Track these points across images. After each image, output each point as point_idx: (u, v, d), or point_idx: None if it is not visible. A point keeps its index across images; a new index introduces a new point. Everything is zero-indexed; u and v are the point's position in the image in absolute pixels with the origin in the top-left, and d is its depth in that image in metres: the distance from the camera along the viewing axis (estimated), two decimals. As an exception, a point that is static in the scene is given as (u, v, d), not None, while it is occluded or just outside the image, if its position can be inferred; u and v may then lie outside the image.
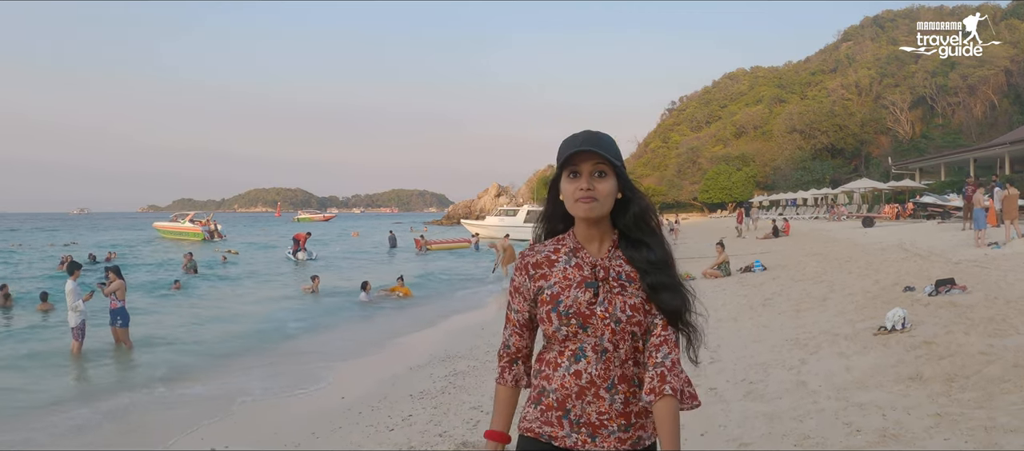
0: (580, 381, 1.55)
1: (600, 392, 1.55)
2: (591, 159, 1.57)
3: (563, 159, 1.57)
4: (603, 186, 1.57)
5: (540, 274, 1.64)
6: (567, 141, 1.62)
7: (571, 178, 1.59)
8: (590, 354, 1.55)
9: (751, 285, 12.07)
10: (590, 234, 1.64)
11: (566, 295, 1.57)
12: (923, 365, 5.10)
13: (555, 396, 1.58)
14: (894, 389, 4.66)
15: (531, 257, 1.67)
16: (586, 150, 1.55)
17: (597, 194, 1.56)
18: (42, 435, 6.08)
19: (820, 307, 8.61)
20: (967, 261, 11.13)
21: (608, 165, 1.58)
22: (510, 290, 1.70)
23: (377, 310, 13.99)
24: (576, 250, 1.64)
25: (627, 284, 1.59)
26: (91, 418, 6.61)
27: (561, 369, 1.58)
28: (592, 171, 1.57)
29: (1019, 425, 3.81)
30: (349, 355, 9.24)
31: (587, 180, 1.57)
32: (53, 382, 8.30)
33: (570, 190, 1.59)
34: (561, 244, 1.67)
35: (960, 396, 4.37)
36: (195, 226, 41.00)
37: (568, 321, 1.56)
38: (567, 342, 1.58)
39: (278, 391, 7.21)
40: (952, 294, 8.03)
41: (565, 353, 1.58)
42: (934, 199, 26.64)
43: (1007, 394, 4.31)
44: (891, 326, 6.41)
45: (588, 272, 1.59)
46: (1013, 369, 4.76)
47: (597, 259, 1.62)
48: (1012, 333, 5.84)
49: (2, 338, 11.31)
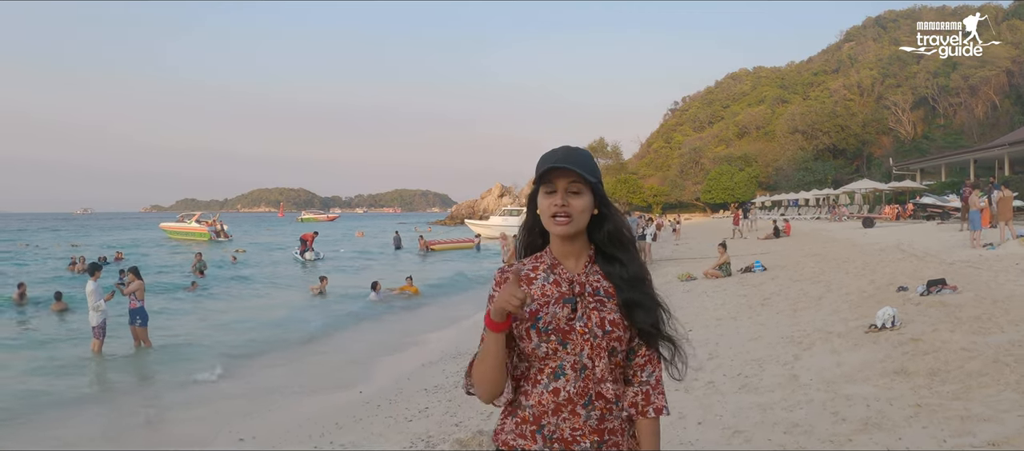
0: (557, 398, 1.56)
1: (577, 409, 1.55)
2: (567, 176, 1.59)
3: (539, 175, 1.60)
4: (578, 203, 1.59)
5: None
6: (545, 157, 1.64)
7: (547, 194, 1.61)
8: (569, 372, 1.56)
9: (751, 285, 12.40)
10: (567, 250, 1.66)
11: (545, 312, 1.58)
12: (908, 360, 5.43)
13: (531, 411, 1.58)
14: (879, 382, 5.00)
15: (509, 274, 1.63)
16: (561, 167, 1.57)
17: (572, 211, 1.58)
18: (71, 433, 6.29)
19: (816, 306, 8.94)
20: (961, 262, 11.44)
21: (583, 182, 1.59)
22: (487, 307, 1.63)
23: (387, 309, 14.37)
24: (553, 266, 1.65)
25: (605, 299, 1.61)
26: (118, 417, 6.93)
27: (540, 386, 1.58)
28: (567, 188, 1.59)
29: (993, 415, 4.14)
30: (363, 353, 9.60)
31: (562, 196, 1.59)
32: (77, 380, 8.62)
33: (545, 206, 1.61)
34: (539, 261, 1.68)
35: (940, 389, 4.70)
36: (201, 226, 41.45)
37: (548, 338, 1.56)
38: (547, 360, 1.57)
39: (298, 387, 7.58)
40: (943, 294, 8.35)
41: (545, 371, 1.58)
42: (934, 200, 26.92)
43: (984, 387, 4.64)
44: (881, 324, 6.74)
45: (566, 288, 1.61)
46: (992, 364, 5.09)
47: (574, 275, 1.63)
48: (996, 331, 6.16)
49: (23, 339, 11.66)
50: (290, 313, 13.93)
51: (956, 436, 3.85)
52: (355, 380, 7.68)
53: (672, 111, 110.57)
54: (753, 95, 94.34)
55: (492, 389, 1.56)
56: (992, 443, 3.69)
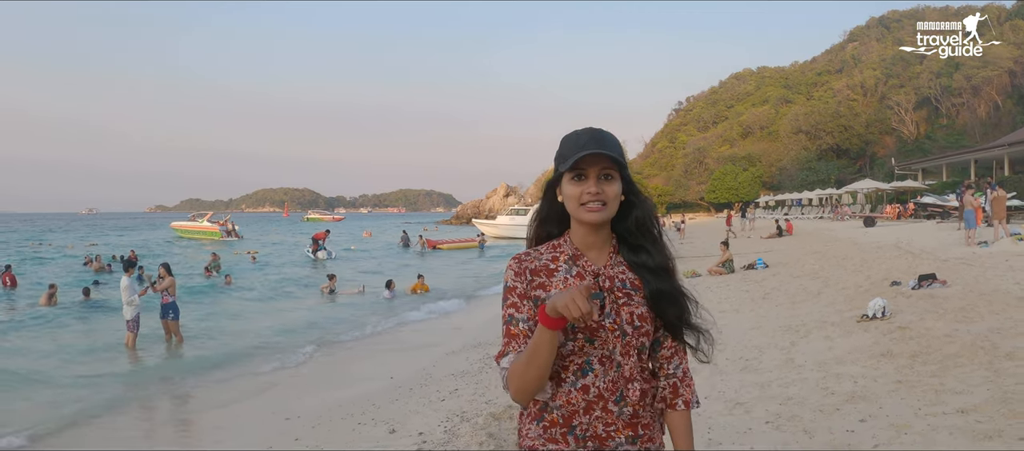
0: (587, 395, 1.48)
1: (608, 405, 1.48)
2: (599, 161, 1.48)
3: (569, 161, 1.47)
4: (611, 189, 1.49)
5: (538, 283, 1.53)
6: (569, 139, 1.53)
7: (576, 181, 1.49)
8: (597, 366, 1.48)
9: (753, 281, 12.94)
10: (591, 240, 1.55)
11: None
12: (894, 345, 5.99)
13: (560, 412, 1.50)
14: (867, 363, 5.56)
15: (529, 263, 1.56)
16: (595, 152, 1.46)
17: (606, 197, 1.48)
18: (114, 426, 6.57)
19: (814, 300, 9.50)
20: (954, 259, 11.96)
21: (615, 167, 1.50)
22: (508, 299, 1.54)
23: (402, 306, 14.95)
24: (576, 258, 1.55)
25: (632, 293, 1.53)
26: (159, 407, 7.45)
27: (566, 385, 1.49)
28: (599, 174, 1.49)
29: (964, 389, 4.69)
30: (386, 345, 10.19)
31: (595, 183, 1.48)
32: (115, 369, 9.17)
33: (576, 193, 1.49)
34: (558, 251, 1.57)
35: (920, 368, 5.26)
36: (213, 226, 42.13)
37: (574, 336, 1.47)
38: (572, 356, 1.49)
39: (332, 375, 8.17)
40: (933, 287, 8.90)
41: (570, 367, 1.49)
42: (934, 199, 27.40)
43: (959, 367, 5.19)
44: (872, 314, 7.30)
45: (591, 282, 1.49)
46: (969, 348, 5.64)
47: (599, 268, 1.54)
48: (977, 320, 6.71)
49: (57, 334, 12.21)
50: (317, 308, 14.58)
51: (929, 405, 4.40)
52: (383, 369, 8.27)
53: (676, 111, 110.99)
54: (757, 95, 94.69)
55: (535, 388, 1.44)
56: (960, 411, 4.24)
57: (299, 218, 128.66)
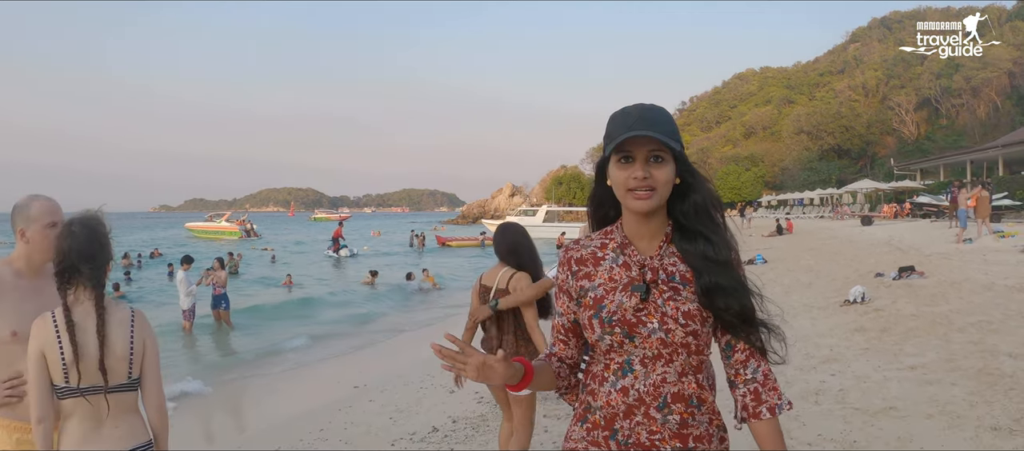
0: (627, 398, 1.39)
1: (650, 411, 1.37)
2: (648, 143, 1.36)
3: (613, 143, 1.36)
4: (661, 173, 1.37)
5: (584, 273, 1.47)
6: (617, 117, 1.40)
7: (623, 164, 1.38)
8: (638, 367, 1.39)
9: (751, 274, 13.69)
10: (642, 229, 1.44)
11: (610, 299, 1.40)
12: (867, 323, 7.09)
13: (601, 414, 1.42)
14: (842, 336, 6.65)
15: (575, 252, 1.50)
16: (642, 134, 1.33)
17: (655, 183, 1.36)
18: (216, 397, 7.72)
19: (805, 289, 10.58)
20: (937, 254, 13.02)
21: (665, 148, 1.37)
22: (555, 290, 1.55)
23: (426, 295, 16.13)
24: (623, 246, 1.45)
25: (681, 286, 1.40)
26: (224, 384, 8.49)
27: (607, 384, 1.42)
28: (648, 156, 1.36)
29: (918, 352, 5.77)
30: (421, 324, 11.32)
31: (643, 168, 1.36)
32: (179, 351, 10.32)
33: (622, 178, 1.38)
34: (609, 238, 1.49)
35: (885, 339, 6.35)
36: (232, 225, 43.27)
37: (612, 330, 1.39)
38: (612, 353, 1.42)
39: (384, 350, 9.31)
40: (911, 278, 9.97)
41: (611, 366, 1.42)
42: (929, 199, 28.41)
43: (918, 338, 6.27)
44: (853, 299, 8.38)
45: (636, 272, 1.41)
46: (929, 324, 6.73)
47: (646, 257, 1.43)
48: (942, 304, 7.78)
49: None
50: (351, 300, 15.82)
51: (887, 364, 5.49)
52: (425, 343, 9.37)
53: (680, 111, 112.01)
54: (760, 95, 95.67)
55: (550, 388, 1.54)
56: (911, 368, 5.32)
57: (305, 218, 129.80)
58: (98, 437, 2.05)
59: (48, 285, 2.36)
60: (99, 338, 2.02)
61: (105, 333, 2.03)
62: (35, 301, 2.30)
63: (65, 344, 1.99)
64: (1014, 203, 25.83)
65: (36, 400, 2.01)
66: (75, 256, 2.05)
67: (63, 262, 2.06)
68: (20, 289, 2.30)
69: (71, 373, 1.99)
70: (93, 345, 2.01)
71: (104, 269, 2.10)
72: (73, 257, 2.05)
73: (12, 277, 2.30)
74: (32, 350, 2.02)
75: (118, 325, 2.07)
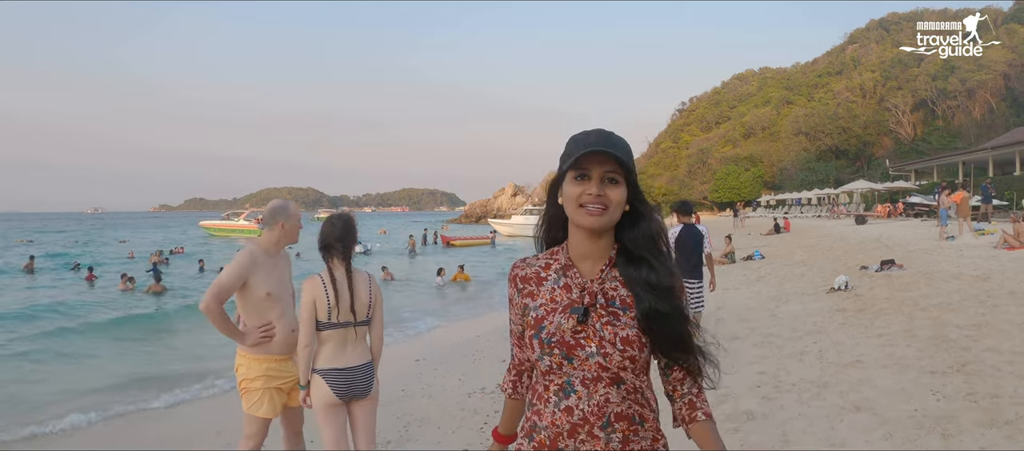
0: (571, 418, 1.40)
1: (594, 431, 1.39)
2: (604, 163, 1.38)
3: (572, 159, 1.38)
4: (615, 194, 1.39)
5: (528, 291, 1.50)
6: (577, 138, 1.44)
7: (578, 181, 1.40)
8: (579, 388, 1.39)
9: (750, 268, 15.33)
10: (587, 250, 1.46)
11: (549, 321, 1.42)
12: (847, 305, 8.40)
13: (546, 434, 1.43)
14: (825, 315, 7.96)
15: (520, 270, 1.53)
16: (599, 151, 1.36)
17: (608, 201, 1.38)
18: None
19: (798, 279, 11.90)
20: (920, 250, 14.32)
21: (621, 171, 1.39)
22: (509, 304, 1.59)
23: (451, 291, 17.43)
24: (566, 268, 1.47)
25: (620, 312, 1.41)
26: None
27: (550, 404, 1.42)
28: (603, 176, 1.39)
29: (884, 326, 7.07)
30: (452, 317, 12.59)
31: (598, 186, 1.38)
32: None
33: (575, 194, 1.39)
34: (553, 259, 1.51)
35: (861, 316, 7.66)
36: (250, 223, 44.40)
37: (551, 351, 1.40)
38: (552, 374, 1.43)
39: (428, 335, 10.59)
40: (892, 270, 11.26)
41: (551, 387, 1.43)
42: (920, 199, 29.73)
43: (888, 316, 7.57)
44: (837, 286, 9.69)
45: (577, 295, 1.43)
46: (899, 306, 8.03)
47: (587, 281, 1.45)
48: (913, 290, 9.09)
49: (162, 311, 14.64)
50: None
51: (859, 334, 6.79)
52: (460, 331, 10.67)
53: (679, 111, 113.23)
54: (759, 96, 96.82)
55: None
56: (878, 336, 6.62)
57: (307, 217, 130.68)
58: (343, 355, 3.31)
59: (281, 261, 3.69)
60: (350, 291, 3.29)
61: (354, 287, 3.30)
62: (275, 273, 3.60)
63: (330, 294, 3.25)
64: (1001, 203, 27.14)
65: (305, 332, 3.26)
66: (333, 238, 3.33)
67: (326, 241, 3.34)
68: (268, 264, 3.59)
69: (333, 313, 3.25)
70: (346, 295, 3.27)
71: (350, 247, 3.37)
72: (332, 239, 3.33)
73: (263, 256, 3.59)
74: (305, 300, 3.28)
75: (361, 282, 3.34)
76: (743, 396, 5.05)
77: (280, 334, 3.51)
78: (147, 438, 5.76)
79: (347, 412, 3.35)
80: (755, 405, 4.81)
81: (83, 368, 9.02)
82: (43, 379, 8.35)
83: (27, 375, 8.59)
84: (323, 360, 3.26)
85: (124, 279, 18.66)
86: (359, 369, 3.30)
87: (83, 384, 7.88)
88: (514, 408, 1.68)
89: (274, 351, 3.53)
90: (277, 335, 3.50)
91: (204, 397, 7.11)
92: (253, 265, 3.45)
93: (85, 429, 6.09)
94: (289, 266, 3.79)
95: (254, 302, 3.45)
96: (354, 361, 3.29)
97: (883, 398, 4.65)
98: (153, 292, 17.56)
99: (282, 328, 3.51)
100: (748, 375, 5.64)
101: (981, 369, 5.07)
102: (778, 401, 4.86)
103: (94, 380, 8.10)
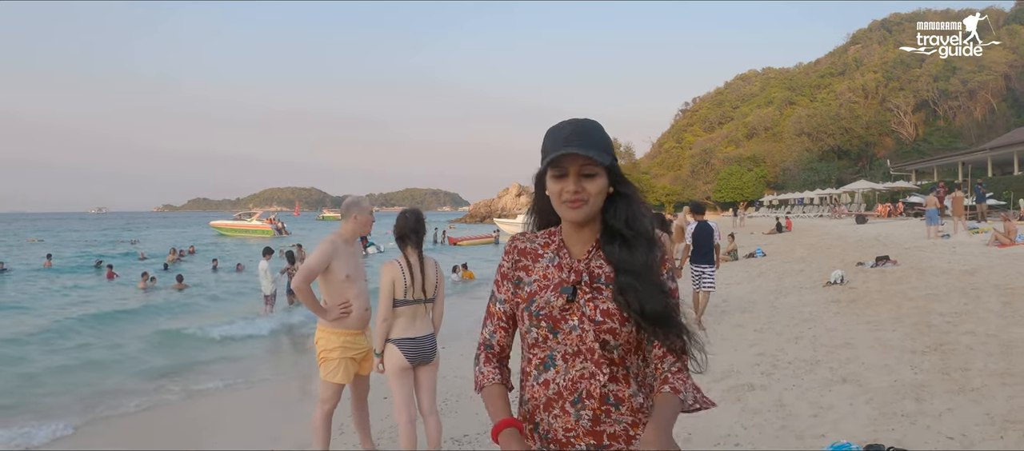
0: (548, 391, 1.47)
1: (565, 406, 1.45)
2: (578, 158, 1.44)
3: (547, 159, 1.45)
4: (593, 186, 1.46)
5: (523, 265, 1.58)
6: (552, 133, 1.49)
7: (557, 178, 1.47)
8: (560, 363, 1.46)
9: (752, 265, 15.98)
10: (575, 234, 1.55)
11: (540, 297, 1.50)
12: (841, 296, 9.06)
13: (527, 407, 1.51)
14: (821, 306, 8.62)
15: (520, 243, 1.61)
16: (570, 152, 1.42)
17: (586, 195, 1.46)
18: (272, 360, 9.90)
19: (797, 274, 12.56)
20: (914, 247, 14.95)
21: (596, 163, 1.45)
22: (496, 277, 1.62)
23: (467, 287, 18.13)
24: (560, 248, 1.56)
25: (604, 287, 1.48)
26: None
27: (531, 378, 1.50)
28: (579, 171, 1.45)
29: (874, 313, 7.72)
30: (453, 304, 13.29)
31: (575, 182, 1.45)
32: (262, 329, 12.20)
33: (556, 191, 1.47)
34: (551, 238, 1.59)
35: (852, 306, 8.32)
36: (263, 224, 45.07)
37: (538, 324, 1.47)
38: (536, 348, 1.49)
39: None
40: (886, 266, 11.91)
41: (533, 360, 1.50)
42: (920, 199, 30.34)
43: (878, 306, 8.23)
44: (833, 280, 10.35)
45: (567, 274, 1.51)
46: (889, 297, 8.69)
47: (575, 261, 1.53)
48: (903, 283, 9.73)
49: (199, 308, 15.31)
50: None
51: (851, 321, 7.45)
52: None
53: (683, 112, 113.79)
54: (762, 96, 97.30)
55: None
56: (868, 322, 7.28)
57: (311, 217, 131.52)
58: (413, 327, 3.98)
59: (356, 249, 4.36)
60: (421, 273, 3.96)
61: (424, 270, 3.98)
62: (352, 258, 4.27)
63: (406, 276, 3.92)
64: (999, 203, 27.73)
65: (384, 307, 3.93)
66: (408, 229, 4.00)
67: (402, 232, 4.01)
68: (346, 251, 4.26)
69: (408, 292, 3.92)
70: (419, 276, 3.95)
71: (421, 237, 4.04)
72: (407, 229, 4.00)
73: (343, 244, 4.27)
74: (385, 281, 3.94)
75: (430, 266, 4.02)
76: (744, 372, 5.72)
77: (356, 311, 4.18)
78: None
79: (413, 376, 4.02)
80: (755, 379, 5.47)
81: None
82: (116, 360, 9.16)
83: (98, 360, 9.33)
84: (397, 331, 3.92)
85: (145, 278, 19.28)
86: (426, 339, 3.97)
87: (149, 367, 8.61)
88: (501, 393, 1.55)
89: (350, 325, 4.19)
90: (354, 312, 4.17)
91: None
92: (335, 251, 4.12)
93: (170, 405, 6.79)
94: (361, 253, 4.46)
95: (335, 283, 4.12)
96: (422, 332, 3.96)
97: (868, 372, 5.31)
98: (177, 289, 18.27)
99: (358, 306, 4.18)
100: (749, 355, 6.31)
101: (956, 349, 5.72)
102: (775, 375, 5.52)
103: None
